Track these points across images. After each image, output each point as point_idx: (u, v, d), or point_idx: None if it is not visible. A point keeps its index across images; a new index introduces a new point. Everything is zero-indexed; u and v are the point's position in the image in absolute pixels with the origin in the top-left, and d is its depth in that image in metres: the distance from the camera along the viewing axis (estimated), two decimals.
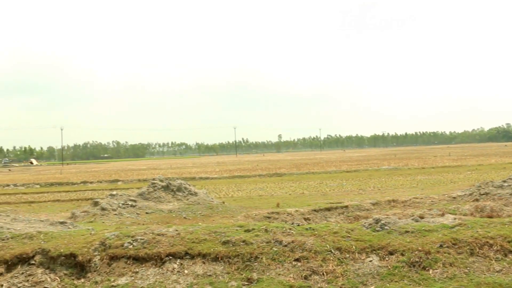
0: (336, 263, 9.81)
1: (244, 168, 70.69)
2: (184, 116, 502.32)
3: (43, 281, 10.55)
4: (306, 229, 11.44)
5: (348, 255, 10.09)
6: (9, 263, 11.33)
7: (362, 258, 10.02)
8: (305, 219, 19.64)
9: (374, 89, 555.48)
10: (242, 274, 9.68)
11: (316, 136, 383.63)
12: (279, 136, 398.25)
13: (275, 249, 10.35)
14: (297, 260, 9.96)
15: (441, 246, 10.08)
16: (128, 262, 10.59)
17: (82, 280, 10.49)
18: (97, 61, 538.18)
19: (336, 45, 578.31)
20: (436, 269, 9.43)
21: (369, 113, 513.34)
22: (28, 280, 10.65)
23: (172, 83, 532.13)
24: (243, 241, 10.67)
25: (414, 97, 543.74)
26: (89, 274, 10.60)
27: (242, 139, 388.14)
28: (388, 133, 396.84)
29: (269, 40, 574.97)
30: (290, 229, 11.42)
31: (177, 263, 10.27)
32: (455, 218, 12.19)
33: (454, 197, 22.34)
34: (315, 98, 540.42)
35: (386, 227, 11.23)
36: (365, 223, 11.86)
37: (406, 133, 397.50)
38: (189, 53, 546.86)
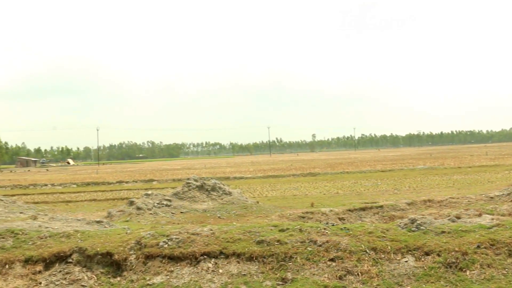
0: (371, 263, 9.72)
1: (278, 167, 70.61)
2: (218, 116, 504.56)
3: (80, 279, 10.69)
4: (341, 229, 11.37)
5: (383, 256, 9.99)
6: (48, 261, 11.51)
7: (398, 258, 9.90)
8: (340, 219, 19.52)
9: (409, 87, 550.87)
10: (276, 274, 9.66)
11: (351, 135, 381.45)
12: (313, 135, 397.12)
13: (310, 249, 10.30)
14: (331, 260, 9.90)
15: (478, 247, 9.90)
16: (163, 261, 10.65)
17: (118, 278, 10.59)
18: (131, 63, 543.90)
19: (370, 43, 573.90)
20: (473, 270, 9.27)
21: (404, 112, 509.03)
22: (65, 278, 10.80)
23: (207, 83, 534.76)
24: (278, 241, 10.65)
25: (449, 95, 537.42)
26: (125, 273, 10.70)
27: (276, 138, 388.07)
28: (423, 132, 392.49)
29: (300, 39, 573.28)
30: (324, 229, 11.35)
31: (212, 263, 10.30)
32: (492, 219, 11.98)
33: (492, 197, 21.94)
34: (350, 97, 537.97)
35: (422, 227, 11.09)
36: (400, 223, 11.73)
37: (441, 132, 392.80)
38: (223, 53, 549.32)
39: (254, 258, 10.23)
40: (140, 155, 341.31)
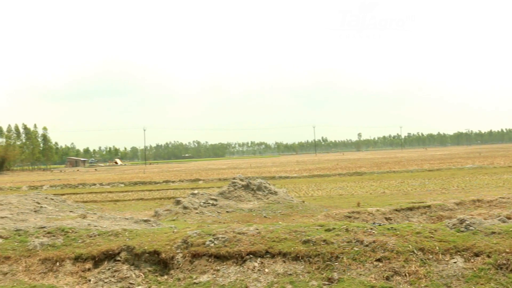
0: (418, 264, 9.57)
1: (323, 167, 70.27)
2: (264, 116, 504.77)
3: (128, 277, 10.85)
4: (388, 229, 11.23)
5: (431, 256, 9.83)
6: (97, 259, 11.72)
7: (446, 259, 9.73)
8: (387, 218, 19.31)
9: (458, 85, 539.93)
10: (322, 274, 9.61)
11: (397, 134, 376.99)
12: (359, 134, 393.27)
13: (356, 249, 10.21)
14: (378, 260, 9.79)
15: None
16: (210, 260, 10.72)
17: (165, 277, 10.72)
18: (177, 64, 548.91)
19: (414, 41, 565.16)
20: None
21: (452, 111, 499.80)
22: (114, 276, 10.98)
23: (252, 82, 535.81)
24: (324, 241, 10.60)
25: (499, 91, 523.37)
26: (171, 271, 10.81)
27: (322, 138, 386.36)
28: (471, 131, 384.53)
29: (345, 36, 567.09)
30: (371, 228, 11.24)
31: (258, 262, 10.32)
32: None
33: None
34: (396, 95, 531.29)
35: (471, 228, 10.86)
36: (448, 223, 11.52)
37: (491, 130, 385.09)
38: (268, 52, 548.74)
39: (300, 258, 10.20)
40: (186, 155, 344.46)
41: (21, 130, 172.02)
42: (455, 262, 9.58)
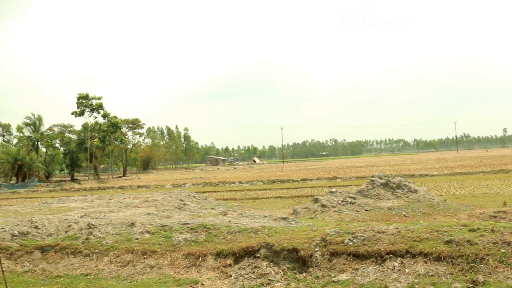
0: None
1: (466, 164, 67.32)
2: (402, 112, 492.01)
3: (267, 273, 11.07)
4: None
5: None
6: (237, 255, 12.07)
7: None
8: None
9: None
10: (466, 276, 9.24)
11: None
12: (504, 130, 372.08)
13: (503, 250, 9.71)
14: None
15: None
16: (348, 258, 10.68)
17: (304, 274, 10.81)
18: (312, 63, 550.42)
19: None
20: None
21: None
22: (254, 272, 11.25)
23: (389, 79, 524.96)
24: (467, 241, 10.18)
25: None
26: (310, 269, 10.88)
27: (463, 134, 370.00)
28: None
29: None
30: None
31: (398, 262, 10.12)
32: None
33: None
34: None
35: None
36: None
37: None
38: (402, 47, 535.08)
39: (442, 259, 9.88)
40: (323, 153, 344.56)
41: (165, 131, 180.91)
42: None
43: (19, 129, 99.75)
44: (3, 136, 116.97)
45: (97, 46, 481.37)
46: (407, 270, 9.81)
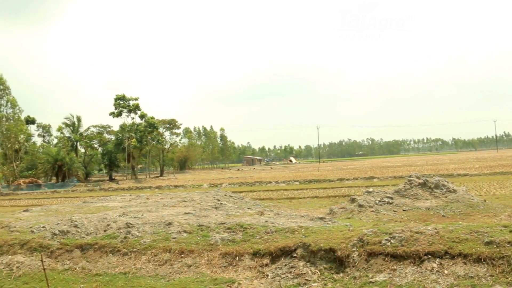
0: None
1: (506, 164, 66.02)
2: (439, 111, 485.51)
3: (304, 273, 11.05)
4: None
5: None
6: (274, 254, 12.08)
7: None
8: None
9: None
10: (507, 278, 9.08)
11: None
12: None
13: None
14: None
15: None
16: (386, 259, 10.59)
17: (341, 274, 10.75)
18: (346, 62, 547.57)
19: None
20: None
21: None
22: (290, 272, 11.24)
23: (424, 76, 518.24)
24: (509, 242, 9.99)
25: None
26: (347, 269, 10.83)
27: (504, 132, 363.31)
28: None
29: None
30: None
31: (437, 263, 9.99)
32: None
33: None
34: None
35: None
36: None
37: None
38: (436, 43, 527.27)
39: (482, 260, 9.72)
40: (360, 153, 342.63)
41: (201, 131, 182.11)
42: None
43: (59, 129, 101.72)
44: (43, 136, 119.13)
45: (133, 48, 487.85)
46: (446, 272, 9.68)
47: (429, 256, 10.22)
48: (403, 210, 20.62)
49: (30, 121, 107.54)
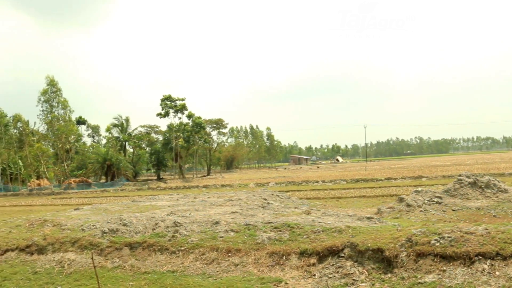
0: None
1: None
2: (489, 108, 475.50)
3: (351, 273, 10.98)
4: None
5: None
6: (321, 254, 12.03)
7: None
8: None
9: None
10: None
11: None
12: None
13: None
14: None
15: None
16: (435, 259, 10.43)
17: (389, 275, 10.64)
18: (393, 60, 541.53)
19: None
20: None
21: None
22: (338, 272, 11.18)
23: (473, 72, 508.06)
24: None
25: None
26: (395, 270, 10.71)
27: None
28: None
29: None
30: None
31: (488, 264, 9.80)
32: None
33: None
34: None
35: None
36: None
37: None
38: (490, 38, 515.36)
39: None
40: (408, 152, 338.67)
41: (248, 131, 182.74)
42: None
43: (108, 129, 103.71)
44: (93, 137, 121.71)
45: (180, 49, 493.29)
46: (497, 273, 9.48)
47: (480, 257, 10.03)
48: (453, 210, 20.29)
49: (81, 121, 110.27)
